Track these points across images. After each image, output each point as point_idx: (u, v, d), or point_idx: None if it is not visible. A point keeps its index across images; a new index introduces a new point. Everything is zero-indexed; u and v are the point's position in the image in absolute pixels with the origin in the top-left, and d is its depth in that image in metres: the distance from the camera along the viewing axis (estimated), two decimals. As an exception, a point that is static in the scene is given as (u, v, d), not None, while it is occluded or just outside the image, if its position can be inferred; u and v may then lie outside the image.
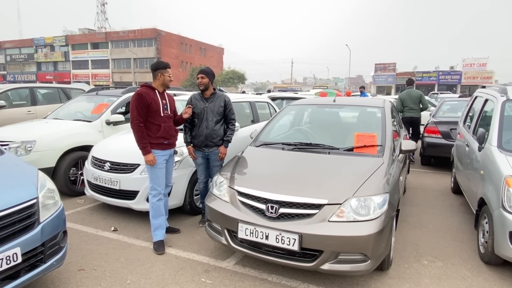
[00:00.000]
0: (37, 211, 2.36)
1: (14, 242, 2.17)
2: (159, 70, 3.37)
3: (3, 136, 4.74)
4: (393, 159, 3.25)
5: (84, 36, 55.21)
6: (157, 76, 3.38)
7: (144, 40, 50.24)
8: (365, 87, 14.28)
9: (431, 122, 7.22)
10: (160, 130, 3.32)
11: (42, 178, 2.61)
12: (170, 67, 3.48)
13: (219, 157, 3.81)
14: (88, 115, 5.70)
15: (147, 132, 3.31)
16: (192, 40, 56.08)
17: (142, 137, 3.23)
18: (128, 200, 3.89)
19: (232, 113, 3.88)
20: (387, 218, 2.58)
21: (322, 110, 4.31)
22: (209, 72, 3.80)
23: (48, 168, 4.65)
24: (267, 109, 6.19)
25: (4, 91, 8.01)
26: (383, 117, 3.70)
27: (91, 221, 4.07)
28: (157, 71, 3.37)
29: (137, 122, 3.22)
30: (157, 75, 3.37)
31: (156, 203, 3.37)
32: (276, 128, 4.07)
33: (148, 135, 3.31)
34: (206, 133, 3.73)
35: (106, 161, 4.04)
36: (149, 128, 3.31)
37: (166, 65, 3.44)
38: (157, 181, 3.37)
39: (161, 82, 3.39)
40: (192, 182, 4.09)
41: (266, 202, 2.65)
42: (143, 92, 3.27)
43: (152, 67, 3.41)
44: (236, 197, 2.83)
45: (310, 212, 2.53)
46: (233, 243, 2.79)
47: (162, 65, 3.40)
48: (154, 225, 3.37)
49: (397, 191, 3.00)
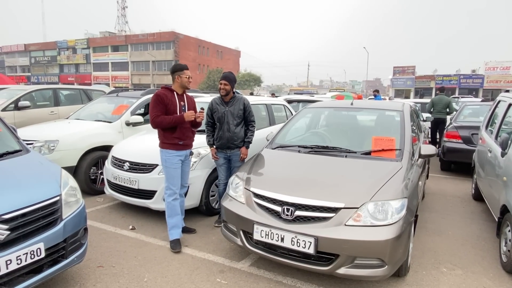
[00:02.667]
0: (60, 208, 2.44)
1: (38, 237, 2.25)
2: (176, 72, 3.45)
3: (27, 135, 4.91)
4: (412, 163, 3.19)
5: (105, 39, 56.63)
6: (175, 78, 3.46)
7: (162, 43, 51.09)
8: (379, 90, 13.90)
9: (451, 127, 7.04)
10: (176, 131, 3.39)
11: (65, 176, 2.69)
12: (187, 68, 3.54)
13: (240, 158, 3.85)
14: (108, 116, 5.85)
15: (163, 133, 3.40)
16: (209, 43, 56.65)
17: (165, 119, 3.31)
18: (146, 199, 3.96)
19: (251, 115, 3.92)
20: (405, 223, 2.53)
21: (339, 113, 4.28)
22: (232, 79, 3.85)
23: (69, 167, 4.79)
24: (283, 111, 6.19)
25: (28, 92, 8.30)
26: (402, 120, 3.65)
27: (110, 219, 4.17)
28: (174, 73, 3.46)
29: (155, 115, 3.31)
30: (174, 77, 3.46)
31: (171, 202, 3.43)
32: (292, 131, 4.07)
33: (163, 135, 3.40)
34: (227, 135, 3.79)
35: (125, 161, 4.14)
36: (166, 129, 3.38)
37: (183, 67, 3.50)
38: (172, 181, 3.43)
39: (179, 84, 3.47)
40: (209, 183, 4.14)
41: (282, 205, 2.65)
42: (161, 93, 3.38)
43: (170, 71, 3.51)
44: (252, 198, 2.85)
45: (327, 216, 2.52)
46: (248, 245, 2.80)
47: (178, 68, 3.47)
48: (170, 224, 3.42)
49: (416, 196, 2.95)
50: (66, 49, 58.52)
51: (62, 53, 58.71)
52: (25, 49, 60.98)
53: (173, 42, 49.95)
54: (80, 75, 56.49)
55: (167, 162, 3.41)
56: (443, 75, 39.88)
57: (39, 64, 60.64)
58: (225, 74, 3.90)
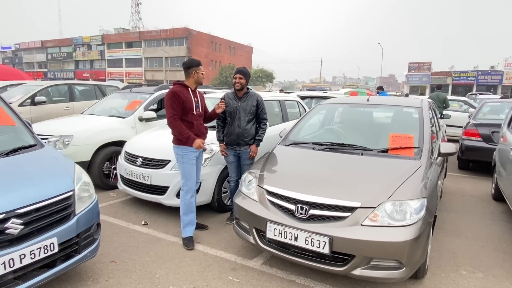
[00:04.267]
0: (73, 203, 2.44)
1: (52, 232, 2.25)
2: (193, 68, 3.38)
3: (43, 130, 4.97)
4: (431, 162, 3.08)
5: (119, 35, 57.25)
6: (191, 74, 3.38)
7: (175, 39, 51.33)
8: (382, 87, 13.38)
9: (470, 124, 6.81)
10: (193, 127, 3.36)
11: (79, 171, 2.69)
12: (202, 64, 3.50)
13: (250, 156, 3.80)
14: (122, 111, 5.87)
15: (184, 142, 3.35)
16: (221, 39, 56.64)
17: (181, 129, 3.26)
18: (158, 195, 3.96)
19: (264, 112, 3.86)
20: (424, 224, 2.44)
21: (355, 110, 4.17)
22: (247, 73, 3.81)
23: (83, 162, 4.83)
24: (296, 108, 6.10)
25: (44, 88, 8.43)
26: (420, 117, 3.53)
27: (123, 214, 4.18)
28: (191, 68, 3.38)
29: (173, 117, 3.25)
30: (191, 73, 3.38)
31: (188, 199, 3.39)
32: (306, 128, 3.99)
33: None
34: (238, 132, 3.74)
35: (138, 156, 4.14)
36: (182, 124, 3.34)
37: (199, 62, 3.46)
38: (189, 177, 3.39)
39: (195, 80, 3.41)
40: (221, 179, 4.10)
41: (295, 203, 2.59)
42: (177, 90, 3.31)
43: (185, 65, 3.41)
44: (265, 196, 2.80)
45: (342, 215, 2.45)
46: (261, 243, 2.76)
47: (195, 63, 3.41)
48: (184, 221, 3.40)
49: (435, 196, 2.84)
50: (81, 45, 59.44)
51: (78, 50, 59.66)
52: (42, 46, 62.23)
53: (186, 38, 50.13)
54: (95, 71, 57.32)
55: (184, 158, 3.36)
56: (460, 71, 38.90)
57: (55, 60, 61.80)
58: (239, 68, 3.86)
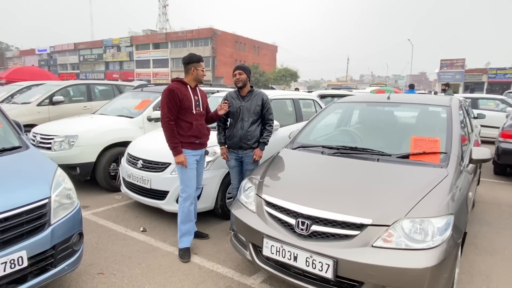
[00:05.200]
0: (48, 212, 2.22)
1: (20, 245, 2.03)
2: (192, 63, 3.11)
3: (49, 130, 4.90)
4: (461, 170, 2.63)
5: (146, 37, 58.55)
6: (189, 70, 3.12)
7: (200, 39, 51.76)
8: (414, 85, 12.56)
9: (508, 125, 6.13)
10: (192, 128, 3.08)
11: (60, 176, 2.48)
12: (203, 60, 3.22)
13: (253, 159, 3.48)
14: (131, 111, 5.72)
15: (177, 131, 3.07)
16: (246, 39, 56.55)
17: (172, 136, 3.01)
18: (158, 200, 3.72)
19: (270, 113, 3.52)
20: (451, 246, 2.02)
21: (373, 109, 3.73)
22: (246, 68, 3.50)
23: (88, 163, 4.71)
24: (312, 107, 5.71)
25: (63, 87, 8.50)
26: (449, 117, 3.06)
27: (123, 219, 3.98)
28: (190, 64, 3.11)
29: (167, 119, 2.99)
30: (190, 69, 3.12)
31: (186, 207, 3.12)
32: (318, 129, 3.61)
33: (178, 133, 3.07)
34: (240, 134, 3.43)
35: (139, 158, 3.93)
36: (180, 126, 3.07)
37: (200, 58, 3.18)
38: (188, 183, 3.12)
39: (194, 77, 3.14)
40: (225, 184, 3.81)
41: (296, 216, 2.25)
42: (174, 88, 3.04)
43: (184, 61, 3.14)
44: (263, 207, 2.47)
45: (349, 233, 2.08)
46: (258, 260, 2.43)
47: (195, 59, 3.13)
48: (182, 231, 3.13)
49: (464, 211, 2.40)
50: (111, 47, 61.28)
51: (108, 51, 61.56)
52: (74, 48, 64.77)
53: (211, 38, 50.42)
54: (124, 72, 58.91)
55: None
56: (496, 68, 36.55)
57: (87, 62, 64.11)
58: (239, 65, 3.57)
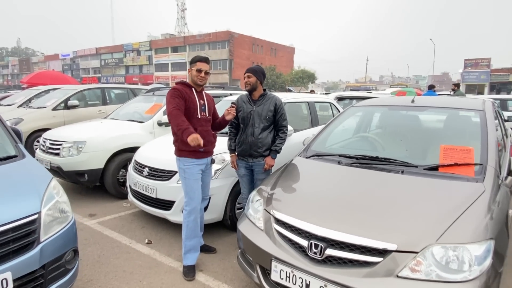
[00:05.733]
0: (37, 228, 2.04)
1: (4, 266, 1.86)
2: (191, 64, 2.95)
3: (58, 135, 4.81)
4: (499, 184, 2.29)
5: (165, 41, 59.37)
6: (188, 71, 2.98)
7: (218, 42, 52.01)
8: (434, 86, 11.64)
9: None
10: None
11: (53, 188, 2.31)
12: (205, 61, 2.97)
13: (264, 168, 3.24)
14: (142, 115, 5.59)
15: (180, 138, 2.86)
16: (263, 41, 56.43)
17: (180, 120, 2.68)
18: (164, 210, 3.53)
19: (283, 118, 3.27)
20: (491, 278, 1.71)
21: (396, 113, 3.41)
22: (257, 70, 3.25)
23: (96, 169, 4.59)
24: (329, 110, 5.41)
25: (79, 91, 8.52)
26: (483, 123, 2.72)
27: (129, 229, 3.82)
28: (190, 65, 2.95)
29: (174, 108, 2.73)
30: (189, 70, 2.97)
31: (191, 221, 2.90)
32: (334, 135, 3.33)
33: (181, 140, 2.86)
34: (250, 141, 3.19)
35: (145, 166, 3.75)
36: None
37: (199, 58, 2.93)
38: (192, 195, 2.90)
39: (191, 78, 2.94)
40: (234, 193, 3.58)
41: (309, 238, 1.98)
42: (178, 87, 2.87)
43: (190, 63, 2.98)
44: (272, 224, 2.21)
45: (370, 260, 1.79)
46: (266, 284, 2.17)
47: (193, 59, 2.96)
48: (187, 247, 2.91)
49: (505, 234, 2.06)
50: (131, 51, 62.47)
51: (128, 55, 62.79)
52: (96, 53, 66.45)
53: (228, 41, 50.56)
54: (143, 76, 59.90)
55: (187, 173, 2.88)
56: (526, 67, 34.85)
57: (108, 66, 65.61)
58: (250, 67, 3.33)
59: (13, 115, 7.69)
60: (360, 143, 3.29)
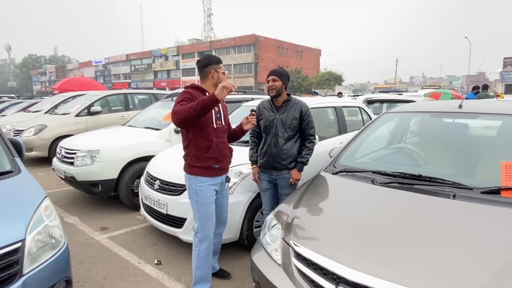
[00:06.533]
0: (20, 258, 1.78)
1: (-23, 305, 1.61)
2: (211, 65, 2.50)
3: (73, 144, 4.68)
4: None
5: (192, 46, 60.30)
6: (208, 74, 2.51)
7: (243, 46, 52.12)
8: (478, 87, 10.11)
9: None
10: (211, 147, 2.47)
11: (45, 209, 2.06)
12: (222, 62, 2.64)
13: (289, 183, 2.87)
14: (160, 122, 5.38)
15: (193, 152, 2.50)
16: (289, 44, 55.98)
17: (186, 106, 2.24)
18: (175, 228, 3.23)
19: (310, 126, 2.91)
20: None
21: (440, 121, 2.92)
22: (282, 73, 2.91)
23: (110, 180, 4.39)
24: (358, 115, 4.94)
25: (101, 98, 8.52)
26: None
27: (140, 246, 3.55)
28: (208, 67, 2.50)
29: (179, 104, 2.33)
30: (209, 72, 2.51)
31: (203, 250, 2.54)
32: (365, 146, 2.89)
33: (193, 154, 2.49)
34: (274, 152, 2.85)
35: (156, 178, 3.48)
36: (196, 145, 2.47)
37: (219, 59, 2.57)
38: (205, 221, 2.52)
39: (215, 82, 2.50)
40: (252, 210, 3.23)
41: (337, 282, 1.58)
42: (190, 91, 2.47)
43: (201, 63, 2.53)
44: (291, 259, 1.83)
45: (418, 319, 1.37)
46: (284, 332, 1.79)
47: (214, 60, 2.53)
48: (196, 277, 2.58)
49: None
50: (159, 56, 63.96)
51: (156, 61, 64.32)
52: (126, 59, 68.60)
53: (253, 44, 50.53)
54: (171, 80, 61.10)
55: (199, 196, 2.48)
56: None
57: (137, 71, 67.52)
58: (273, 69, 2.99)
59: (39, 122, 7.79)
60: (397, 157, 2.82)
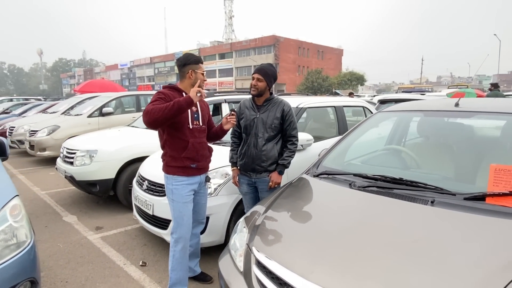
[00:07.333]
0: (-24, 259, 1.77)
1: None
2: (189, 65, 2.46)
3: (73, 144, 4.75)
4: None
5: (213, 48, 61.01)
6: (186, 73, 2.46)
7: (264, 47, 52.13)
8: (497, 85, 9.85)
9: None
10: (188, 148, 2.43)
11: (11, 209, 2.04)
12: (202, 62, 2.58)
13: (268, 186, 2.75)
14: (162, 122, 5.38)
15: (169, 152, 2.48)
16: (309, 44, 55.46)
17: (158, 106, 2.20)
18: (160, 229, 3.18)
19: (292, 127, 2.77)
20: None
21: (434, 120, 2.70)
22: (269, 73, 2.76)
23: (108, 180, 4.42)
24: (362, 115, 4.73)
25: (113, 99, 8.68)
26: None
27: (129, 246, 3.54)
28: (186, 67, 2.46)
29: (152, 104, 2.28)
30: (186, 72, 2.46)
31: (178, 251, 2.49)
32: (355, 147, 2.73)
33: (170, 155, 2.47)
34: (253, 153, 2.74)
35: (145, 179, 3.45)
36: (172, 146, 2.45)
37: (199, 59, 2.52)
38: (180, 221, 2.47)
39: (192, 82, 2.45)
40: (238, 213, 3.11)
41: (293, 294, 1.45)
42: (165, 92, 2.43)
43: (179, 62, 2.48)
44: (252, 267, 1.71)
45: None
46: None
47: (193, 59, 2.48)
48: (172, 280, 2.51)
49: None
50: (181, 59, 65.15)
51: (178, 63, 65.54)
52: (150, 62, 70.27)
53: (274, 45, 50.42)
54: (192, 82, 62.03)
55: (175, 194, 2.46)
56: None
57: (161, 74, 68.97)
58: (261, 65, 2.85)
59: (54, 122, 8.03)
60: (387, 159, 2.64)
